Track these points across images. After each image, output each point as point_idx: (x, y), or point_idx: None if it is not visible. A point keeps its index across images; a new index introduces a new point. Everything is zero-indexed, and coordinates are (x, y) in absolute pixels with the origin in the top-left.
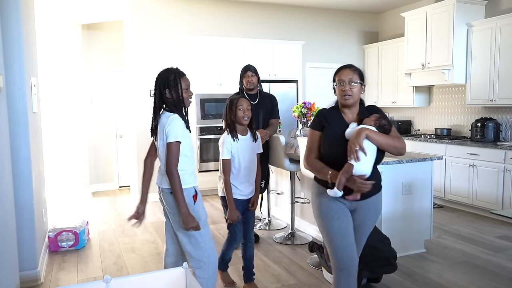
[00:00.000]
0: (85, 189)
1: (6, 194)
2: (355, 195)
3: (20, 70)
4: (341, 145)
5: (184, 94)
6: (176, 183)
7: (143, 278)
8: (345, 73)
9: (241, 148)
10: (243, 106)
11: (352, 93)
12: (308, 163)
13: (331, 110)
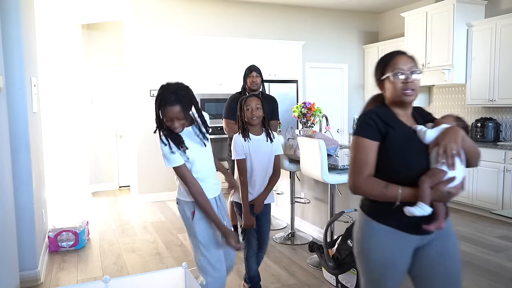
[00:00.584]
0: (85, 189)
1: (6, 194)
2: (439, 222)
3: (20, 70)
4: (416, 154)
5: (168, 123)
6: (201, 206)
7: (143, 278)
8: (404, 61)
9: (254, 148)
10: (251, 106)
11: (415, 87)
12: (364, 184)
13: (383, 110)
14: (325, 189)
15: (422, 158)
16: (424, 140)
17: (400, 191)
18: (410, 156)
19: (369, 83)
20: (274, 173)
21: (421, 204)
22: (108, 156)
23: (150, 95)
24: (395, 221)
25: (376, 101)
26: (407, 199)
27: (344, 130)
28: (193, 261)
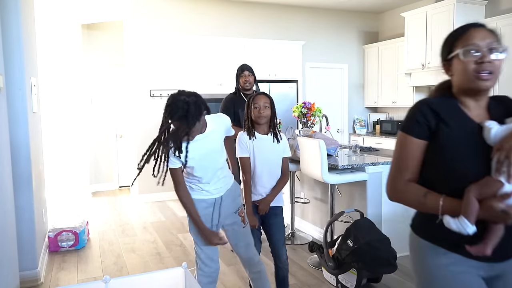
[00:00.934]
0: (85, 189)
1: (6, 194)
2: (484, 247)
3: (20, 70)
4: (473, 158)
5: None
6: (184, 207)
7: (143, 278)
8: (481, 35)
9: (258, 148)
10: (259, 104)
11: (494, 70)
12: (400, 190)
13: (442, 100)
14: (325, 189)
15: (481, 164)
16: (488, 140)
17: (442, 202)
18: (465, 160)
19: (369, 83)
20: (282, 176)
21: (462, 218)
22: (108, 156)
23: (150, 95)
24: (446, 240)
25: (441, 89)
26: (450, 212)
27: (344, 130)
28: (193, 261)
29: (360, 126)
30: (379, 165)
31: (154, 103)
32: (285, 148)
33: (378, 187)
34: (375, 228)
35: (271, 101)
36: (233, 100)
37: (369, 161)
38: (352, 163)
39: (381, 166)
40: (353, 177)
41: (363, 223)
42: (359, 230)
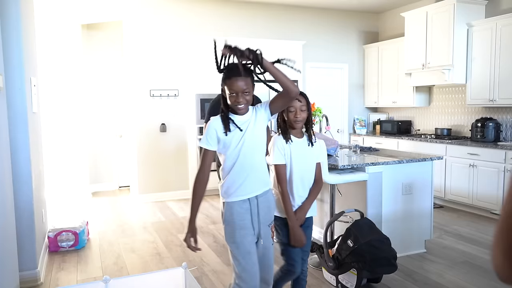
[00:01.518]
0: (85, 189)
1: (6, 194)
2: None
3: (20, 70)
4: None
5: (232, 98)
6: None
7: (143, 278)
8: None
9: (295, 152)
10: (295, 106)
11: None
12: None
13: None
14: (325, 189)
15: None
16: None
17: None
18: None
19: (369, 83)
20: (316, 183)
21: None
22: (108, 156)
23: (150, 95)
24: None
25: None
26: None
27: (344, 130)
28: (192, 261)
29: (360, 126)
30: (379, 165)
31: (154, 103)
32: (320, 152)
33: (378, 187)
34: (375, 228)
35: (307, 102)
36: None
37: (369, 161)
38: (352, 163)
39: (381, 166)
40: (353, 177)
41: (363, 223)
42: (359, 230)
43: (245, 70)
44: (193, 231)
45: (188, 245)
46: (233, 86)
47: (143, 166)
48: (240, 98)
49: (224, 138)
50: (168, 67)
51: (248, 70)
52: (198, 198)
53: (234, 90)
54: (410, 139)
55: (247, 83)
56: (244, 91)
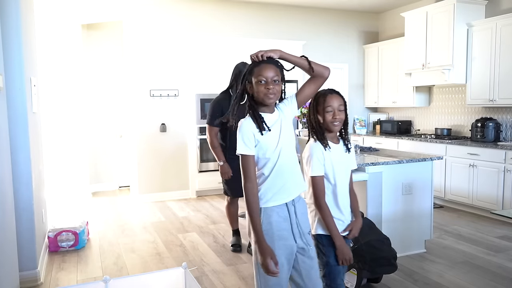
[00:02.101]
0: (85, 189)
1: (6, 194)
2: None
3: (20, 70)
4: None
5: (260, 88)
6: (247, 208)
7: (143, 278)
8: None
9: (336, 160)
10: (334, 106)
11: None
12: None
13: None
14: None
15: None
16: None
17: None
18: None
19: (369, 83)
20: (351, 191)
21: None
22: (108, 156)
23: (150, 95)
24: None
25: None
26: None
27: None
28: (192, 261)
29: (360, 126)
30: (379, 165)
31: (154, 103)
32: (354, 159)
33: (378, 187)
34: (375, 228)
35: (345, 102)
36: (226, 102)
37: (369, 161)
38: None
39: (381, 166)
40: (353, 177)
41: (363, 223)
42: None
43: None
44: (271, 252)
45: (270, 270)
46: (263, 72)
47: (143, 166)
48: (270, 85)
49: (261, 138)
50: (168, 67)
51: (277, 62)
52: (257, 212)
53: (264, 76)
54: (410, 139)
55: (277, 72)
56: (273, 78)
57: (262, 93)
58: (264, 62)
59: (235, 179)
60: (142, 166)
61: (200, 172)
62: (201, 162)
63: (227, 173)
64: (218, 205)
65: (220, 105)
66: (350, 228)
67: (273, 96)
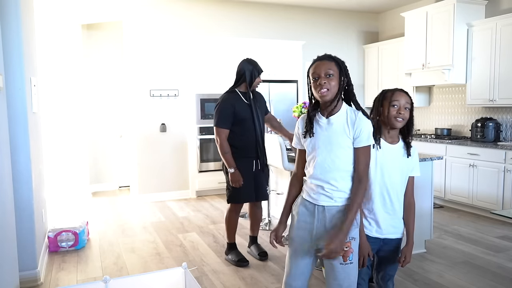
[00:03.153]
0: (85, 189)
1: (6, 194)
2: None
3: (20, 70)
4: None
5: (314, 84)
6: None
7: (143, 278)
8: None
9: (382, 161)
10: (400, 103)
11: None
12: None
13: None
14: None
15: None
16: None
17: None
18: None
19: (369, 83)
20: (407, 201)
21: None
22: (108, 156)
23: (150, 95)
24: None
25: None
26: None
27: None
28: (192, 261)
29: None
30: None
31: (154, 103)
32: (415, 165)
33: None
34: None
35: (412, 103)
36: (233, 101)
37: None
38: None
39: None
40: None
41: None
42: None
43: None
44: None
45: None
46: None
47: (143, 166)
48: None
49: (303, 140)
50: (168, 67)
51: None
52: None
53: (316, 74)
54: None
55: (333, 68)
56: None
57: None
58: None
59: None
60: (142, 166)
61: (200, 172)
62: (201, 162)
63: (238, 181)
64: (218, 205)
65: (230, 104)
66: (403, 256)
67: (325, 91)
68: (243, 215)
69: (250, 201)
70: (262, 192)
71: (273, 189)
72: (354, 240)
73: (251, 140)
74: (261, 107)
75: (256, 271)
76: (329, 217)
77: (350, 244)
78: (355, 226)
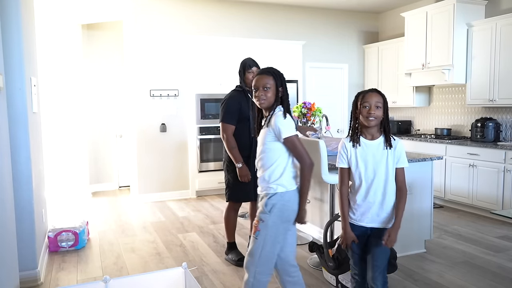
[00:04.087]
0: (85, 189)
1: (6, 194)
2: None
3: (20, 70)
4: None
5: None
6: (309, 179)
7: (143, 278)
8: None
9: (361, 157)
10: (370, 103)
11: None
12: None
13: None
14: (325, 189)
15: None
16: None
17: None
18: None
19: (369, 83)
20: (399, 190)
21: None
22: (108, 156)
23: (150, 95)
24: None
25: None
26: None
27: (344, 130)
28: (192, 261)
29: None
30: None
31: (154, 103)
32: (400, 157)
33: None
34: None
35: (384, 100)
36: (240, 99)
37: None
38: None
39: None
40: None
41: None
42: None
43: None
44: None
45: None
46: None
47: (143, 166)
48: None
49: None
50: (168, 67)
51: None
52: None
53: (256, 86)
54: (410, 139)
55: (270, 82)
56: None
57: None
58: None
59: (238, 182)
60: (142, 166)
61: (200, 172)
62: (201, 162)
63: (246, 175)
64: (218, 205)
65: (237, 101)
66: (388, 234)
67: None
68: (243, 215)
69: (249, 200)
70: None
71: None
72: (262, 222)
73: (250, 140)
74: None
75: None
76: None
77: (258, 223)
78: (265, 212)
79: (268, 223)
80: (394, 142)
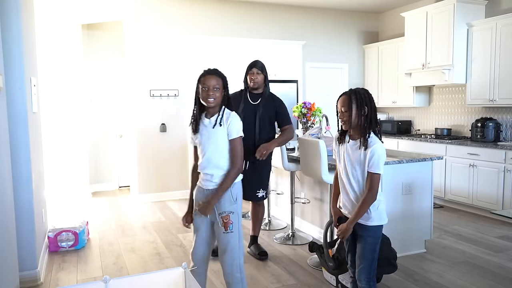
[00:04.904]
0: (85, 189)
1: (6, 194)
2: None
3: (20, 70)
4: None
5: (203, 94)
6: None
7: (143, 278)
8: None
9: (342, 155)
10: (339, 109)
11: None
12: None
13: None
14: (325, 189)
15: None
16: None
17: None
18: None
19: (369, 83)
20: (365, 193)
21: None
22: (108, 156)
23: (150, 95)
24: None
25: None
26: None
27: None
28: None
29: None
30: None
31: (154, 103)
32: (373, 162)
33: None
34: None
35: (350, 104)
36: (239, 98)
37: None
38: None
39: None
40: None
41: None
42: None
43: None
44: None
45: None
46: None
47: (143, 166)
48: (210, 92)
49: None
50: (168, 67)
51: None
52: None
53: (206, 85)
54: (410, 139)
55: (219, 83)
56: (214, 86)
57: None
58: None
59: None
60: (142, 166)
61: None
62: None
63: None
64: None
65: (236, 100)
66: (341, 226)
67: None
68: (244, 215)
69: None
70: (251, 194)
71: (273, 189)
72: (233, 214)
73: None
74: (267, 111)
75: (256, 271)
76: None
77: (229, 217)
78: (232, 203)
79: (238, 212)
80: (370, 144)
